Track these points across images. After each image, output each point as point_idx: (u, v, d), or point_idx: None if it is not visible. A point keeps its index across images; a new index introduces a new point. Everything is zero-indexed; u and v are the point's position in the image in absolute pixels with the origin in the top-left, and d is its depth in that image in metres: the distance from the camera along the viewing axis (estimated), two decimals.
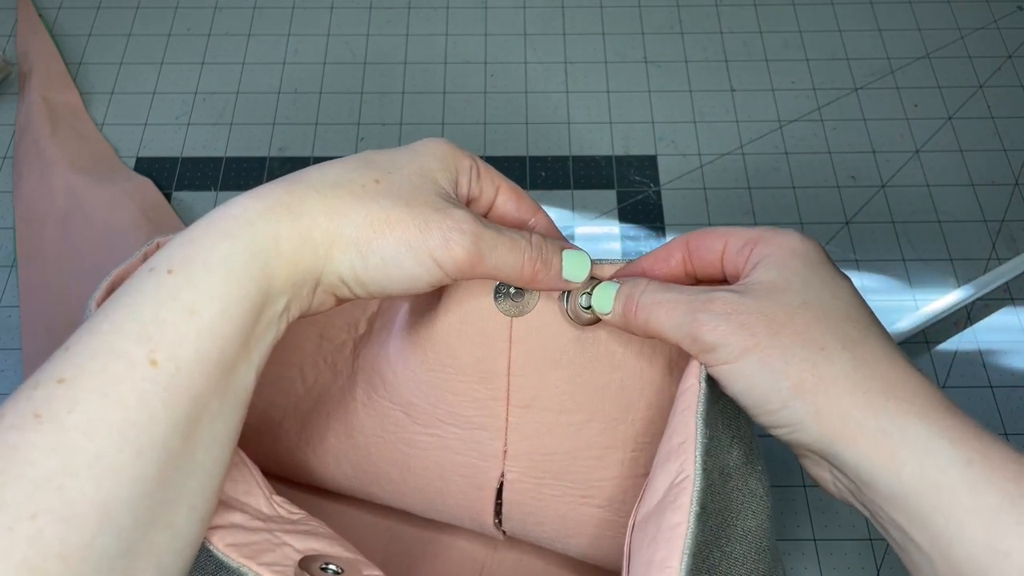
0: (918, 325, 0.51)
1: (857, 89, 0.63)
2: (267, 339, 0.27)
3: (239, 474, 0.31)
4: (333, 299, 0.29)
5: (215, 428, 0.25)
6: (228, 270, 0.25)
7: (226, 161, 0.60)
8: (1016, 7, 0.67)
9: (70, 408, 0.22)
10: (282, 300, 0.27)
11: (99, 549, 0.21)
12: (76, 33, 0.66)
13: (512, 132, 0.61)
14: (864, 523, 0.46)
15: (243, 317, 0.25)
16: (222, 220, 0.26)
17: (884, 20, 0.67)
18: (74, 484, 0.21)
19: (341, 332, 0.41)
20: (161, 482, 0.23)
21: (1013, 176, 0.59)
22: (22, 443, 0.21)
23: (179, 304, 0.24)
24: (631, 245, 0.56)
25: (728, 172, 0.59)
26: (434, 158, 0.30)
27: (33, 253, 0.55)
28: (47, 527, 0.21)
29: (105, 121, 0.62)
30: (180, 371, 0.24)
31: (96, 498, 0.21)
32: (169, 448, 0.23)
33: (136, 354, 0.23)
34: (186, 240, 0.26)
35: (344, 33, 0.66)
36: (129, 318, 0.24)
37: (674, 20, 0.67)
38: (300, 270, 0.27)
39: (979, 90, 0.63)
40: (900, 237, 0.56)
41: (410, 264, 0.28)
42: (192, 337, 0.24)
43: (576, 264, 0.32)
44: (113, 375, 0.23)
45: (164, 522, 0.23)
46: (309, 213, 0.27)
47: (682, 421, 0.29)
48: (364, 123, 0.62)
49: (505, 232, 0.30)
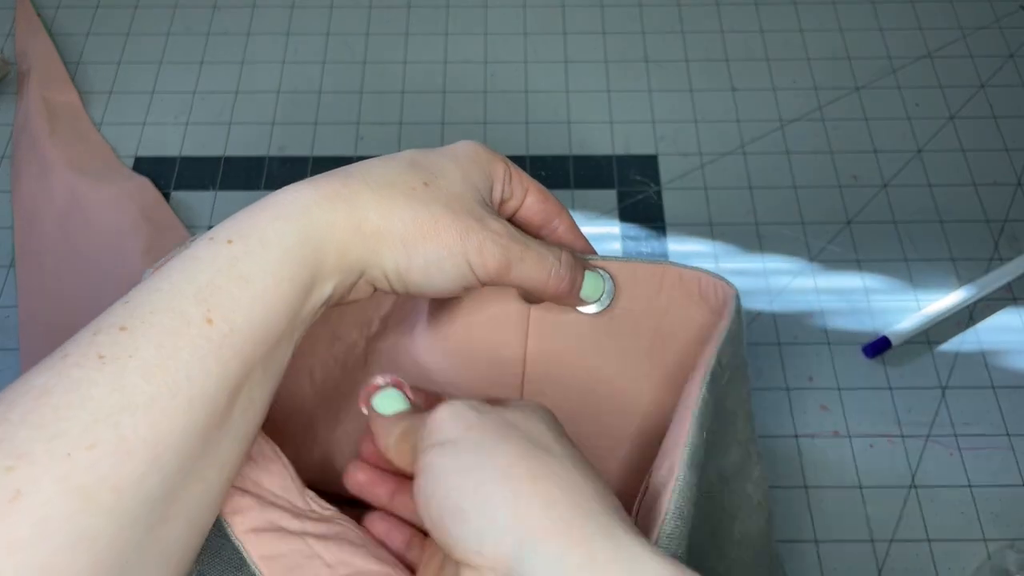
0: (920, 325, 0.51)
1: (859, 88, 0.63)
2: (309, 322, 0.28)
3: (275, 467, 0.31)
4: (371, 290, 0.31)
5: (253, 395, 0.26)
6: (283, 249, 0.27)
7: (225, 161, 0.60)
8: (1018, 6, 0.67)
9: (131, 353, 0.23)
10: (329, 285, 0.28)
11: (146, 488, 0.22)
12: (75, 32, 0.66)
13: (512, 132, 0.61)
14: (865, 524, 0.46)
15: (292, 295, 0.27)
16: (279, 204, 0.28)
17: (886, 19, 0.66)
18: (129, 422, 0.22)
19: (353, 331, 0.41)
20: (204, 435, 0.24)
21: (1015, 176, 0.58)
22: (85, 379, 0.22)
23: (236, 272, 0.26)
24: (631, 245, 0.56)
25: (729, 172, 0.59)
26: (474, 164, 0.32)
27: (32, 253, 0.55)
28: (103, 459, 0.22)
29: (104, 120, 0.62)
30: (233, 332, 0.25)
31: (149, 438, 0.22)
32: (216, 403, 0.24)
33: (193, 313, 0.24)
34: (245, 216, 0.27)
35: (343, 32, 0.66)
36: (187, 280, 0.25)
37: (674, 19, 0.67)
38: (348, 260, 0.28)
39: (981, 89, 0.63)
40: (902, 237, 0.56)
41: (450, 267, 0.29)
42: (245, 304, 0.25)
43: (592, 285, 0.34)
44: (171, 328, 0.24)
45: (199, 474, 0.24)
46: (363, 207, 0.28)
47: (680, 421, 0.30)
48: (364, 122, 0.62)
49: (533, 246, 0.31)
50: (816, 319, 0.53)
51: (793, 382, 0.50)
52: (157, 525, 0.23)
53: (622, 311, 0.36)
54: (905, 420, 0.49)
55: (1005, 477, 0.47)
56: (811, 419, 0.49)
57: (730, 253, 0.55)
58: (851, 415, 0.49)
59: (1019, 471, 0.48)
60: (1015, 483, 0.47)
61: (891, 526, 0.46)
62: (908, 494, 0.47)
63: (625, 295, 0.36)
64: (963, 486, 0.47)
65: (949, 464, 0.48)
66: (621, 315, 0.36)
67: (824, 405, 0.50)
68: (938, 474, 0.47)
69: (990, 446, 0.48)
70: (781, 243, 0.56)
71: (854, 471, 0.47)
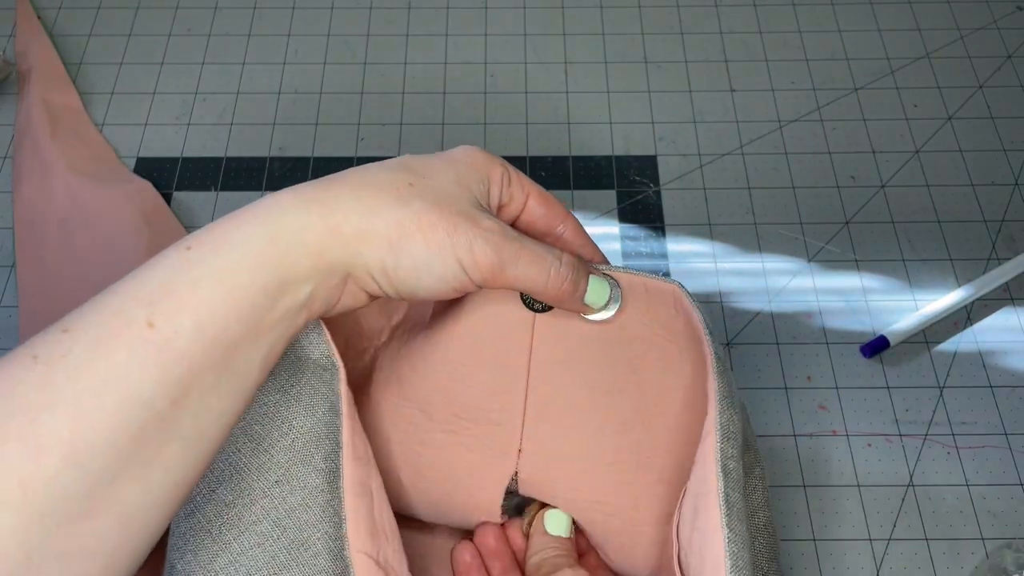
0: (918, 325, 0.51)
1: (857, 89, 0.63)
2: (281, 329, 0.28)
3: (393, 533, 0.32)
4: (365, 296, 0.30)
5: (207, 402, 0.26)
6: (244, 252, 0.26)
7: (226, 161, 0.60)
8: (1016, 7, 0.67)
9: (64, 354, 0.24)
10: (304, 290, 0.28)
11: (61, 485, 0.22)
12: (76, 33, 0.66)
13: (512, 132, 0.61)
14: (864, 523, 0.46)
15: (252, 299, 0.26)
16: (255, 208, 0.28)
17: (884, 20, 0.67)
18: (47, 420, 0.22)
19: (364, 340, 0.40)
20: (139, 437, 0.24)
21: (1013, 176, 0.59)
22: (11, 378, 0.23)
23: (187, 275, 0.26)
24: (631, 245, 0.56)
25: (728, 172, 0.59)
26: (469, 167, 0.32)
27: (32, 256, 0.55)
28: (13, 455, 0.22)
29: (105, 121, 0.62)
30: (178, 336, 0.25)
31: (66, 436, 0.23)
32: (154, 407, 0.24)
33: (137, 315, 0.25)
34: (216, 223, 0.28)
35: (344, 33, 0.67)
36: (139, 284, 0.26)
37: (674, 20, 0.67)
38: (325, 262, 0.28)
39: (979, 90, 0.63)
40: (900, 237, 0.56)
41: (439, 267, 0.29)
42: (193, 308, 0.25)
43: (597, 291, 0.33)
44: (110, 329, 0.24)
45: (135, 476, 0.24)
46: (342, 209, 0.28)
47: (704, 456, 0.30)
48: (364, 123, 0.62)
49: (529, 245, 0.30)
50: (814, 319, 0.53)
51: (791, 382, 0.51)
52: (77, 522, 0.23)
53: (633, 322, 0.35)
54: (903, 419, 0.49)
55: (1003, 476, 0.48)
56: (809, 418, 0.49)
57: (729, 253, 0.55)
58: (849, 414, 0.50)
59: (1017, 470, 0.48)
60: (1013, 482, 0.47)
61: (889, 525, 0.46)
62: (906, 493, 0.47)
63: (638, 307, 0.35)
64: (961, 485, 0.47)
65: (947, 463, 0.48)
66: (632, 326, 0.35)
67: (822, 404, 0.50)
68: (936, 473, 0.48)
69: (988, 445, 0.49)
70: (779, 243, 0.56)
71: (852, 470, 0.48)
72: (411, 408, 0.37)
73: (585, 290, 0.32)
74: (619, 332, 0.34)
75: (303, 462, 0.31)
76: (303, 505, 0.31)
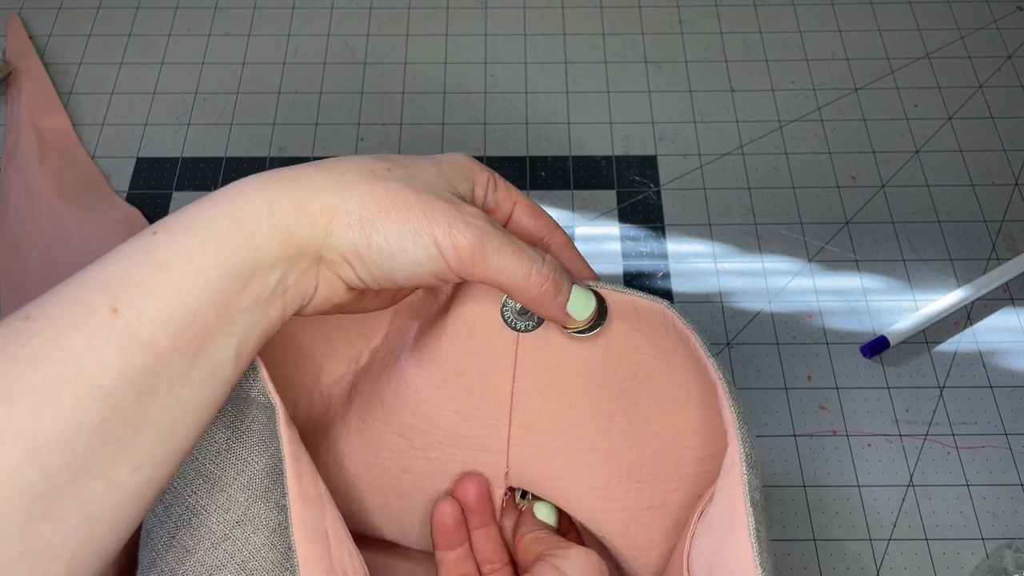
0: (918, 325, 0.51)
1: (857, 89, 0.63)
2: (254, 316, 0.27)
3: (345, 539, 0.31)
4: (342, 285, 0.29)
5: (178, 391, 0.25)
6: (209, 234, 0.25)
7: (226, 161, 0.60)
8: (1016, 7, 0.67)
9: (24, 343, 0.22)
10: (274, 274, 0.27)
11: (22, 479, 0.21)
12: (76, 33, 0.66)
13: (512, 132, 0.61)
14: (864, 523, 0.46)
15: (220, 282, 0.25)
16: (224, 190, 0.27)
17: (884, 20, 0.67)
18: (6, 411, 0.22)
19: (342, 365, 0.39)
20: (102, 431, 0.23)
21: (1013, 176, 0.59)
22: None
23: (152, 260, 0.25)
24: (631, 245, 0.56)
25: (728, 172, 0.59)
26: (453, 166, 0.31)
27: (17, 284, 0.54)
28: None
29: (106, 121, 0.62)
30: (142, 323, 0.24)
31: (27, 428, 0.22)
32: (117, 398, 0.23)
33: (99, 302, 0.24)
34: (184, 208, 0.27)
35: (344, 33, 0.67)
36: (100, 271, 0.25)
37: (674, 20, 0.67)
38: (294, 243, 0.27)
39: (979, 90, 0.63)
40: (900, 237, 0.56)
41: (412, 248, 0.27)
42: (158, 292, 0.24)
43: (582, 302, 0.31)
44: (71, 318, 0.23)
45: (100, 472, 0.23)
46: (311, 186, 0.27)
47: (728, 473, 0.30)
48: (364, 123, 0.62)
49: (512, 239, 0.29)
50: (814, 319, 0.53)
51: (791, 382, 0.51)
52: (38, 519, 0.22)
53: (621, 343, 0.33)
54: (903, 419, 0.49)
55: (1003, 476, 0.48)
56: (809, 418, 0.49)
57: (729, 253, 0.55)
58: (849, 414, 0.50)
59: (1017, 470, 0.48)
60: (1013, 482, 0.47)
61: (889, 525, 0.46)
62: (906, 493, 0.47)
63: (626, 327, 0.33)
64: (961, 485, 0.47)
65: (947, 463, 0.48)
66: (620, 347, 0.34)
67: (823, 404, 0.50)
68: (936, 473, 0.48)
69: (988, 445, 0.49)
70: (780, 243, 0.56)
71: (852, 470, 0.48)
72: (392, 434, 0.35)
73: (568, 297, 0.31)
74: (606, 353, 0.33)
75: (264, 498, 0.30)
76: (268, 545, 0.29)
